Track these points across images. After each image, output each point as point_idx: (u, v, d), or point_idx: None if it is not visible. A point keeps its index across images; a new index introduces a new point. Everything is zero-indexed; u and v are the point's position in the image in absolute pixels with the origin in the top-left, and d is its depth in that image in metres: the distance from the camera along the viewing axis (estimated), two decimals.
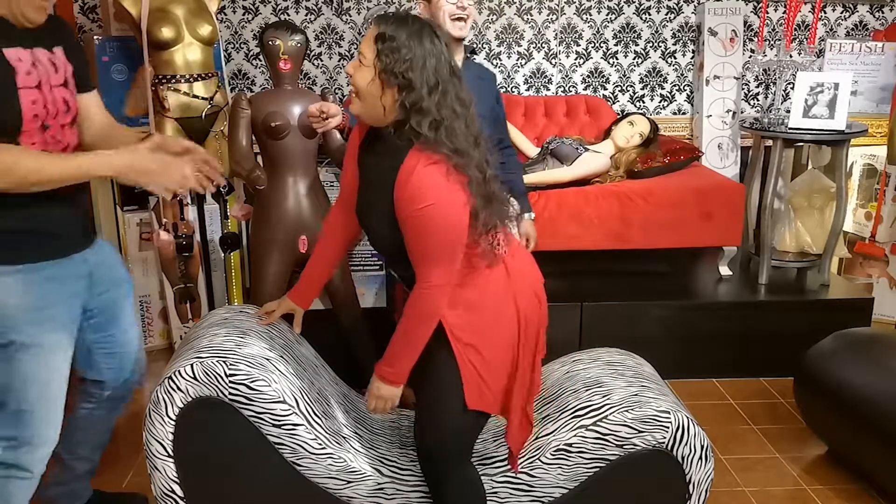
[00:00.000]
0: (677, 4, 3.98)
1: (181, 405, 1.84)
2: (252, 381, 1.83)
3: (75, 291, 1.88)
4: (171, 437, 1.85)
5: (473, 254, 1.75)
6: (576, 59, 4.01)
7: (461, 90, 1.71)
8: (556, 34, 3.97)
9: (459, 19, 2.48)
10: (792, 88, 3.56)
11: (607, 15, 3.96)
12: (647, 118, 3.59)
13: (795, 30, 3.96)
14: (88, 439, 2.18)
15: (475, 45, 2.64)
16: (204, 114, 3.03)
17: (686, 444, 1.91)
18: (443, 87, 1.65)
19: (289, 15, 3.82)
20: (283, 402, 1.85)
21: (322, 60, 3.90)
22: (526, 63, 3.98)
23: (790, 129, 3.38)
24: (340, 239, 2.04)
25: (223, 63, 3.61)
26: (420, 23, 1.67)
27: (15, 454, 1.85)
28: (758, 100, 4.13)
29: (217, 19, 3.13)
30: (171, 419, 1.84)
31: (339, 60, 3.90)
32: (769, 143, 3.49)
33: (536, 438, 1.97)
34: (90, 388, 2.13)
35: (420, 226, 1.65)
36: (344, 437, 1.96)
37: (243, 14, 3.81)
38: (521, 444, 1.93)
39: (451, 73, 1.68)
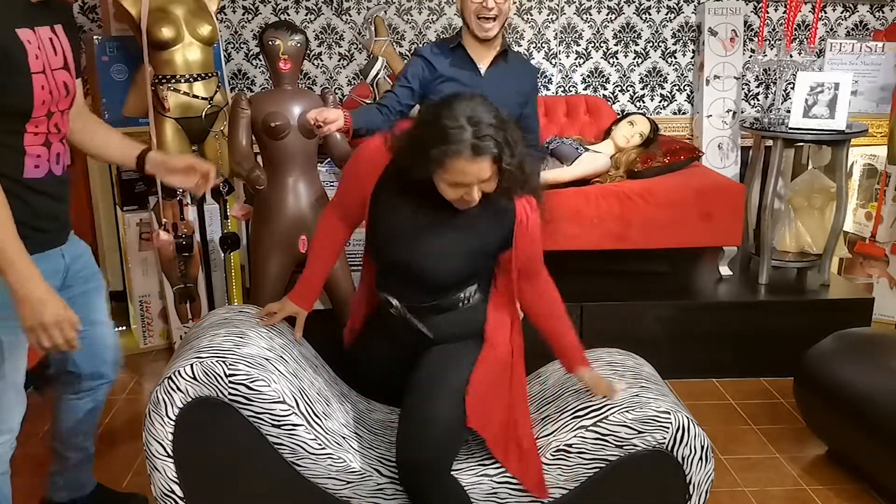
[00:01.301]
0: (677, 4, 3.98)
1: (181, 405, 1.84)
2: (252, 382, 1.83)
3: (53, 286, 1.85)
4: (170, 437, 1.85)
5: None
6: (576, 59, 4.01)
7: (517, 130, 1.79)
8: (556, 34, 3.97)
9: (485, 19, 2.43)
10: (792, 88, 3.56)
11: (607, 15, 3.96)
12: (647, 118, 3.59)
13: (795, 30, 3.96)
14: (75, 429, 2.19)
15: (509, 46, 2.60)
16: (204, 114, 3.04)
17: (686, 445, 1.91)
18: (517, 136, 1.74)
19: (289, 15, 3.82)
20: (283, 402, 1.85)
21: (322, 60, 3.90)
22: None
23: (790, 129, 3.38)
24: (337, 241, 2.09)
25: (223, 63, 3.61)
26: (483, 110, 1.70)
27: None
28: (758, 100, 4.13)
29: (217, 19, 3.13)
30: (171, 419, 1.84)
31: (338, 60, 3.90)
32: (769, 143, 3.49)
33: (536, 439, 1.97)
34: (65, 379, 2.13)
35: (537, 238, 1.90)
36: (344, 438, 1.96)
37: (243, 14, 3.81)
38: (538, 477, 1.91)
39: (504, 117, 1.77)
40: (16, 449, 1.95)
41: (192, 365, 1.83)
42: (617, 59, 4.03)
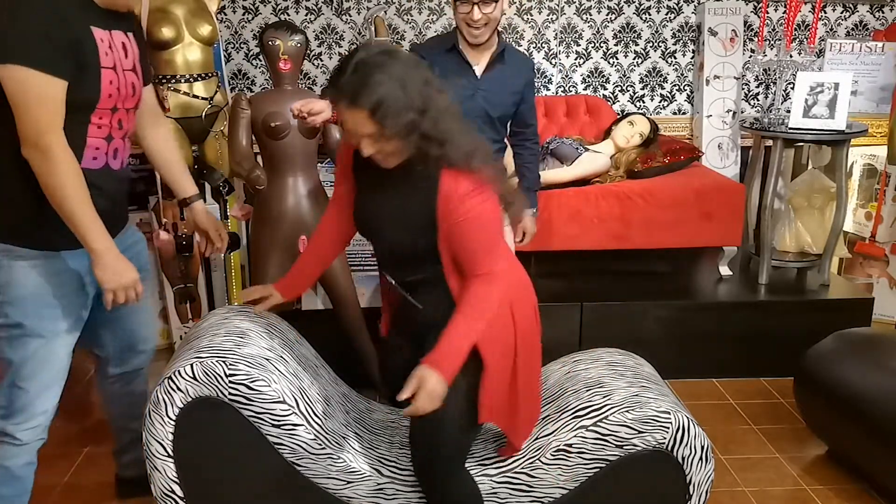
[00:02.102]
0: (677, 4, 3.98)
1: (181, 405, 1.84)
2: (252, 381, 1.83)
3: (90, 281, 1.93)
4: (171, 437, 1.85)
5: None
6: (576, 59, 4.01)
7: (442, 92, 1.71)
8: (556, 34, 3.97)
9: (474, 27, 2.43)
10: (792, 88, 3.56)
11: (607, 15, 3.96)
12: (647, 118, 3.59)
13: (795, 30, 3.96)
14: (118, 412, 2.33)
15: (507, 49, 2.58)
16: (204, 114, 3.03)
17: (686, 445, 1.91)
18: (432, 105, 1.66)
19: (289, 15, 3.82)
20: (283, 402, 1.85)
21: (322, 60, 3.90)
22: None
23: (790, 129, 3.38)
24: (336, 238, 2.06)
25: (223, 63, 3.60)
26: (371, 61, 1.64)
27: (3, 423, 1.93)
28: (758, 100, 4.13)
29: (217, 19, 3.13)
30: (171, 419, 1.84)
31: (339, 60, 3.89)
32: (769, 143, 3.49)
33: (536, 439, 1.97)
34: (100, 364, 2.26)
35: (474, 227, 1.72)
36: (344, 438, 1.96)
37: (243, 14, 3.81)
38: (522, 444, 1.97)
39: (425, 84, 1.67)
40: (45, 441, 2.02)
41: (192, 365, 1.83)
42: (617, 59, 4.03)
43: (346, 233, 2.04)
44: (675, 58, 4.05)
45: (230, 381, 1.83)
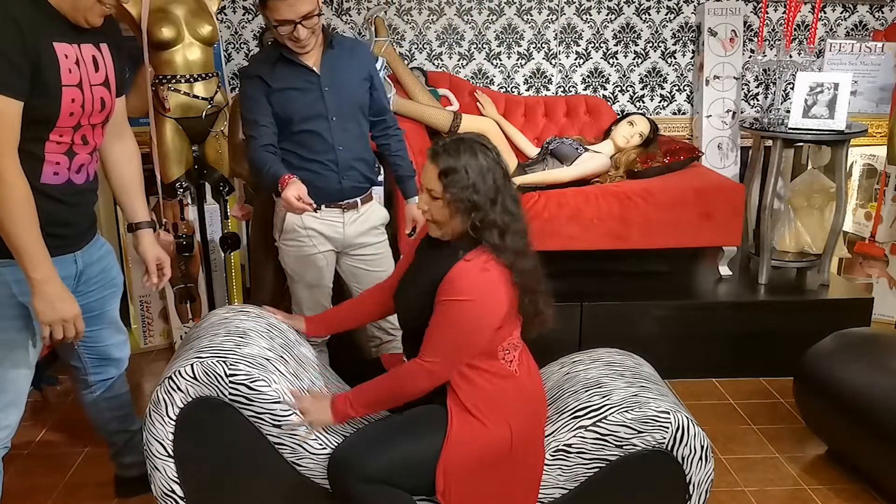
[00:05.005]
0: (677, 4, 3.98)
1: (181, 405, 1.84)
2: (252, 382, 1.84)
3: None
4: (171, 437, 1.85)
5: (493, 354, 1.86)
6: (576, 59, 4.01)
7: (512, 191, 1.85)
8: (556, 34, 3.97)
9: (302, 43, 2.31)
10: (792, 88, 3.56)
11: (607, 15, 3.97)
12: (647, 118, 3.59)
13: (795, 30, 3.96)
14: (104, 418, 2.32)
15: (333, 37, 2.47)
16: (204, 114, 3.03)
17: (686, 445, 1.91)
18: (501, 197, 1.80)
19: None
20: (283, 402, 1.85)
21: None
22: (526, 63, 3.99)
23: (790, 129, 3.38)
24: (378, 300, 2.15)
25: (223, 63, 3.61)
26: (469, 143, 1.81)
27: None
28: (758, 100, 4.13)
29: (217, 19, 3.13)
30: (171, 419, 1.84)
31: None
32: (769, 143, 3.49)
33: None
34: (77, 375, 2.24)
35: (448, 314, 1.78)
36: (345, 437, 1.96)
37: (243, 14, 3.81)
38: None
39: (504, 178, 1.82)
40: (9, 450, 2.00)
41: (192, 365, 1.84)
42: (617, 59, 4.03)
43: (388, 305, 2.11)
44: (675, 58, 4.05)
45: (230, 382, 1.83)
